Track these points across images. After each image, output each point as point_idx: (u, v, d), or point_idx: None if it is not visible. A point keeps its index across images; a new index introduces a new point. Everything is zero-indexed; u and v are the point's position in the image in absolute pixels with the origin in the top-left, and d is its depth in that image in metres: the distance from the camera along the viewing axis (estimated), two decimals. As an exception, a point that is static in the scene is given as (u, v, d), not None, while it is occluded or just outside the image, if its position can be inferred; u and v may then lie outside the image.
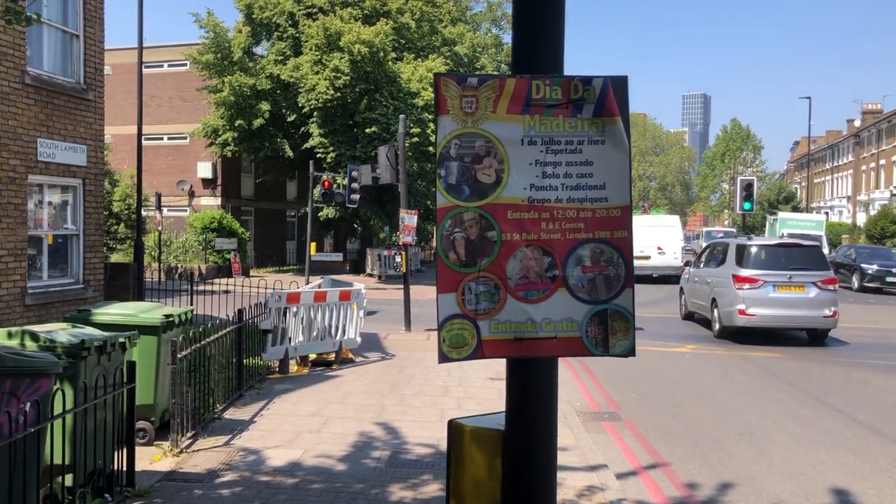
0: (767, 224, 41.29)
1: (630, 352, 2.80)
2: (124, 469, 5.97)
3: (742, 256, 15.67)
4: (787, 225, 37.62)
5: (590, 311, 2.77)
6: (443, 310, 2.70)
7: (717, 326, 16.06)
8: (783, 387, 11.31)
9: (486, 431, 2.74)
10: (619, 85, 2.75)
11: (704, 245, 20.78)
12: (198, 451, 7.26)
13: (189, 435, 7.49)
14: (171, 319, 7.46)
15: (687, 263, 19.50)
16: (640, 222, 30.85)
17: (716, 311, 16.08)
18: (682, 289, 19.82)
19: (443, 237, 2.70)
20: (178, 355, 7.13)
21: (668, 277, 29.84)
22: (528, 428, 2.66)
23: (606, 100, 2.72)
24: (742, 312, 14.98)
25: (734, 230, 51.62)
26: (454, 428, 2.85)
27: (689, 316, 19.03)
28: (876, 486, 6.93)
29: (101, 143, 12.89)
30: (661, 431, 8.77)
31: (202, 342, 7.94)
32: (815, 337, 15.73)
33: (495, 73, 41.01)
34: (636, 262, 30.17)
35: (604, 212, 2.78)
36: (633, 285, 2.80)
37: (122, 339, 5.99)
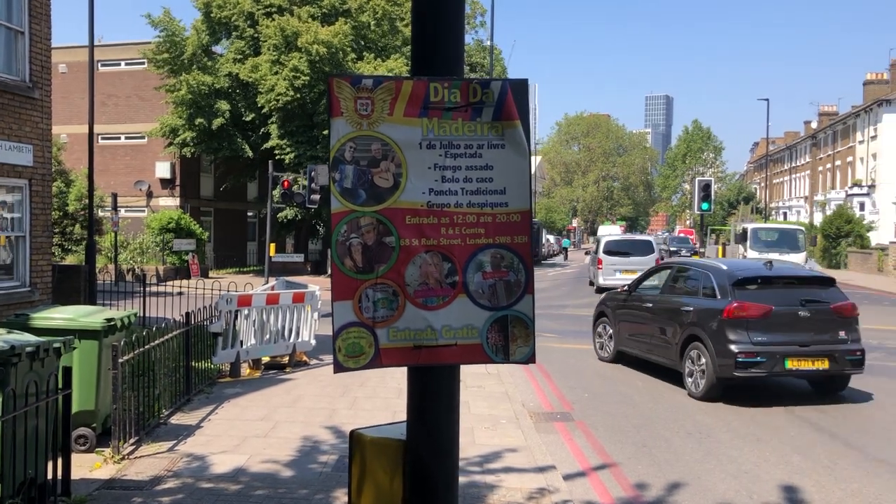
0: (732, 231, 37.00)
1: (530, 358, 2.77)
2: (60, 478, 5.82)
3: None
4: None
5: (490, 317, 2.73)
6: (338, 318, 2.64)
7: None
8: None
9: (387, 442, 2.69)
10: (518, 88, 2.71)
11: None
12: (140, 457, 7.12)
13: (132, 441, 7.33)
14: (112, 323, 7.29)
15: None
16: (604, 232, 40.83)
17: None
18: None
19: (338, 243, 2.64)
20: (120, 360, 6.98)
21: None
22: (428, 437, 2.61)
23: (505, 103, 2.68)
24: None
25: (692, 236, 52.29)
26: (355, 439, 2.80)
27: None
28: (817, 483, 7.03)
29: (49, 143, 12.61)
30: (611, 432, 8.80)
31: (146, 346, 7.79)
32: None
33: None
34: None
35: (504, 217, 2.74)
36: (533, 291, 2.77)
37: (56, 345, 5.84)
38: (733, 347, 9.94)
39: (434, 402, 2.65)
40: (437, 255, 2.68)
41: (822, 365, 10.06)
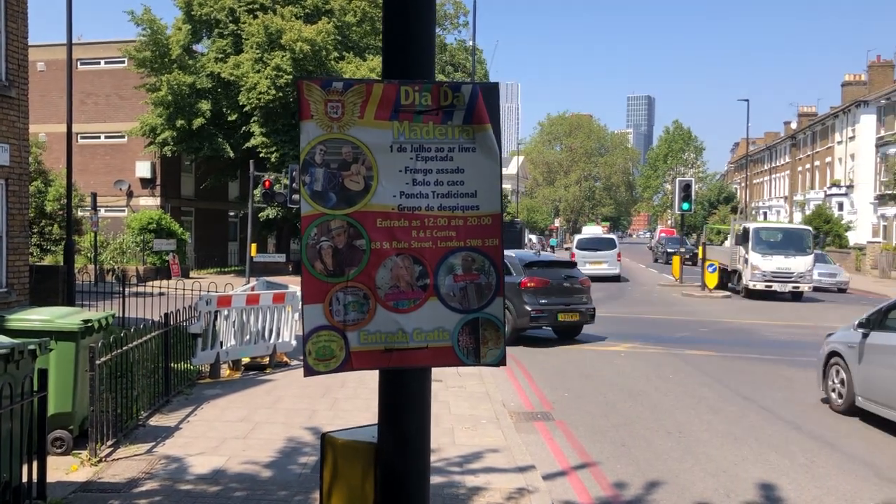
0: (732, 231, 31.62)
1: (501, 361, 2.78)
2: (35, 481, 5.77)
3: None
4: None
5: (461, 320, 2.73)
6: (308, 321, 2.63)
7: None
8: (713, 385, 11.53)
9: (358, 445, 2.68)
10: (489, 92, 2.72)
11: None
12: (118, 459, 7.06)
13: (110, 443, 7.27)
14: (90, 325, 7.23)
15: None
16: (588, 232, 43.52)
17: None
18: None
19: (308, 246, 2.63)
20: (97, 361, 6.93)
21: (606, 278, 33.79)
22: (400, 440, 2.61)
23: (476, 107, 2.69)
24: None
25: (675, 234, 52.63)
26: (327, 442, 2.79)
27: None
28: (794, 482, 7.09)
29: (26, 142, 12.48)
30: (591, 431, 8.84)
31: (124, 347, 7.73)
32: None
33: (443, 76, 41.04)
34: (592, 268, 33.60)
35: (475, 220, 2.75)
36: (503, 294, 2.78)
37: (32, 347, 5.78)
38: (527, 307, 14.81)
39: (405, 404, 2.65)
40: (409, 258, 2.68)
41: (575, 318, 15.34)
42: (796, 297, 26.60)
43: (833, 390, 10.12)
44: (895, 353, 8.90)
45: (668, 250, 44.91)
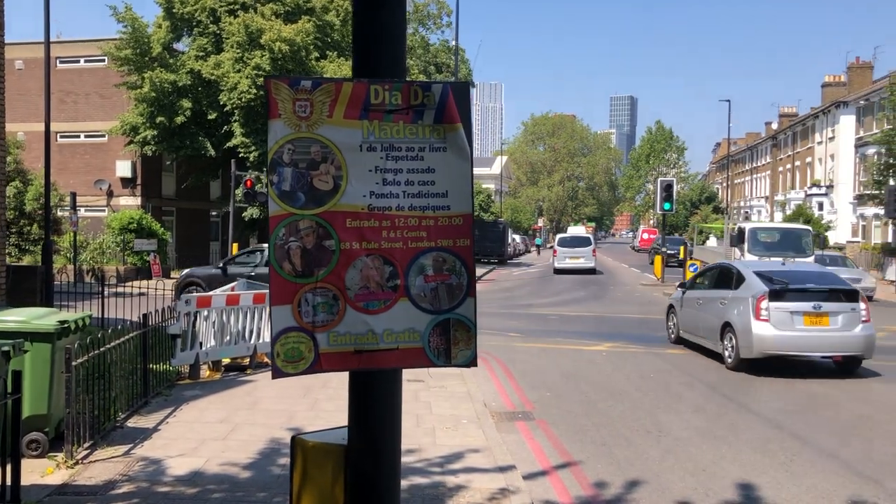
0: (726, 231, 30.87)
1: (472, 361, 2.76)
2: (9, 484, 5.69)
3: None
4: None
5: (432, 320, 2.71)
6: (277, 323, 2.60)
7: None
8: (693, 384, 11.58)
9: (328, 447, 2.66)
10: (460, 91, 2.70)
11: None
12: (95, 461, 6.99)
13: (86, 445, 7.19)
14: (66, 325, 7.15)
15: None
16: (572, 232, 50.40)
17: None
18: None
19: (276, 246, 2.60)
20: (73, 363, 6.85)
21: (583, 271, 38.63)
22: (370, 442, 2.59)
23: (447, 106, 2.67)
24: None
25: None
26: (297, 444, 2.76)
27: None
28: (773, 481, 7.13)
29: (3, 142, 12.32)
30: (572, 430, 8.85)
31: (101, 348, 7.64)
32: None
33: (425, 76, 41.01)
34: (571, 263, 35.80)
35: (446, 220, 2.73)
36: (475, 294, 2.76)
37: (6, 348, 5.71)
38: None
39: (376, 406, 2.62)
40: (379, 259, 2.66)
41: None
42: None
43: (670, 329, 15.93)
44: (695, 302, 14.59)
45: (670, 252, 40.02)
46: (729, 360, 12.74)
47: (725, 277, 13.89)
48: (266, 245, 16.26)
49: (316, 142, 2.60)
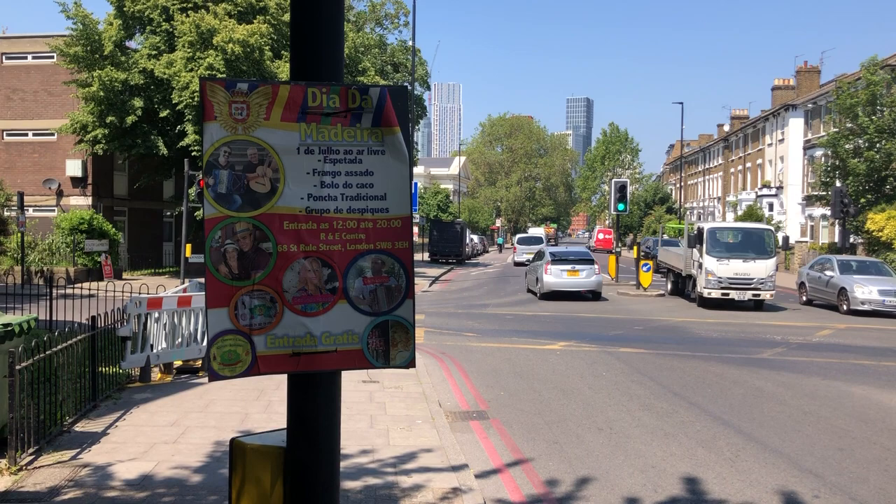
0: (686, 232, 27.32)
1: (410, 362, 2.79)
2: (-51, 491, 5.56)
3: None
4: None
5: (371, 322, 2.73)
6: (213, 326, 2.60)
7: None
8: (645, 381, 11.76)
9: (268, 449, 2.66)
10: (397, 95, 2.73)
11: None
12: (40, 467, 6.85)
13: (31, 451, 7.05)
14: (9, 328, 7.01)
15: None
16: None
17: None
18: None
19: (212, 249, 2.59)
20: (17, 367, 6.71)
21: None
22: (308, 445, 2.59)
23: (385, 109, 2.69)
24: None
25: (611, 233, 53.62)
26: (235, 447, 2.76)
27: None
28: (719, 476, 7.29)
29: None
30: (525, 429, 8.93)
31: (47, 352, 7.50)
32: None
33: (382, 75, 40.89)
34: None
35: (385, 222, 2.75)
36: (413, 296, 2.79)
37: (-54, 352, 5.57)
38: None
39: (314, 409, 2.63)
40: (317, 261, 2.67)
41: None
42: (758, 305, 23.91)
43: (527, 286, 28.51)
44: (534, 269, 27.53)
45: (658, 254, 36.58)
46: (538, 295, 26.47)
47: (539, 256, 28.11)
48: None
49: (252, 144, 2.60)
